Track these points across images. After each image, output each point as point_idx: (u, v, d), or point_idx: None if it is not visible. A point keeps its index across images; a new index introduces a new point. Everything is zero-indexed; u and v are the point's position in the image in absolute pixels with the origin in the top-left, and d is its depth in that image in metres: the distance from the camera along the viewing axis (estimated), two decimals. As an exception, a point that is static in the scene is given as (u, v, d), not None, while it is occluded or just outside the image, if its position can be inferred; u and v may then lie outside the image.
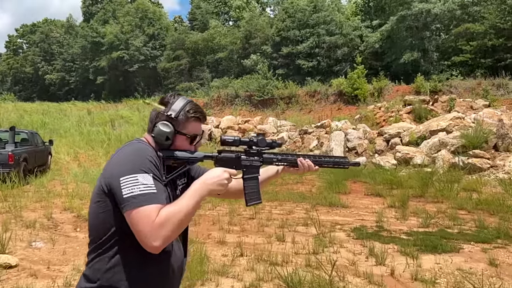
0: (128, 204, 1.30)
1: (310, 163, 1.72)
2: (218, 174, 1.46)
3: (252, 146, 1.64)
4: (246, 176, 1.63)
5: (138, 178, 1.33)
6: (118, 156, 1.43)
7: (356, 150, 13.61)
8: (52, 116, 28.34)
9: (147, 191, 1.31)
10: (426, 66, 24.72)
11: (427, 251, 4.75)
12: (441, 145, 11.51)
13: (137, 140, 1.52)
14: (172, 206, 1.34)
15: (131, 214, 1.30)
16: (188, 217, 1.36)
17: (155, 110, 1.55)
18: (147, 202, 1.30)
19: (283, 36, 29.60)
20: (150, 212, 1.29)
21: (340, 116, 19.75)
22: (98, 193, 1.41)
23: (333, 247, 4.96)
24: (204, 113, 1.58)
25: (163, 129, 1.48)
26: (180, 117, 1.51)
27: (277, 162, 1.71)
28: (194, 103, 1.57)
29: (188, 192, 1.40)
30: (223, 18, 46.14)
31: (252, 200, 1.65)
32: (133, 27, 40.92)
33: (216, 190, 1.45)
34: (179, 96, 1.57)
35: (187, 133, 1.53)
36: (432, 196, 8.04)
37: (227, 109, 24.27)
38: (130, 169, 1.35)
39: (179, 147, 1.54)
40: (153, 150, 1.47)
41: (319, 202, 7.72)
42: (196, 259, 4.40)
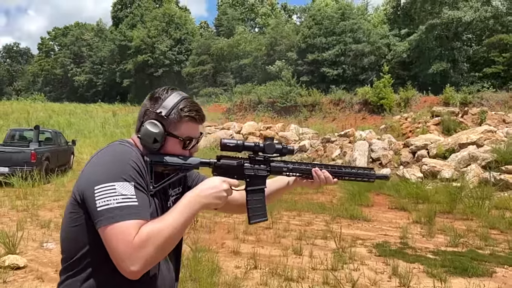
0: (102, 219, 1.08)
1: (327, 174, 1.44)
2: (216, 185, 1.22)
3: (258, 152, 1.38)
4: (249, 188, 1.38)
5: (115, 187, 1.10)
6: (95, 160, 1.21)
7: (380, 161, 13.16)
8: (78, 117, 28.95)
9: (126, 204, 1.09)
10: (455, 77, 23.97)
11: (456, 273, 4.38)
12: (471, 159, 10.97)
13: (120, 141, 1.28)
14: (156, 222, 1.11)
15: (105, 231, 1.07)
16: (176, 236, 1.13)
17: (144, 106, 1.31)
18: (125, 217, 1.07)
19: (309, 43, 29.37)
20: (128, 229, 1.06)
21: (365, 125, 19.30)
22: (72, 203, 1.19)
23: (354, 264, 4.65)
24: (201, 112, 1.33)
25: (150, 129, 1.24)
26: (172, 116, 1.26)
27: (287, 172, 1.43)
28: (191, 100, 1.32)
29: (178, 205, 1.16)
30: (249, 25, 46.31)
31: (256, 217, 1.39)
32: (160, 31, 41.56)
33: (212, 204, 1.21)
34: (173, 90, 1.32)
35: (179, 135, 1.28)
36: (461, 212, 7.57)
37: (249, 115, 24.14)
38: (107, 176, 1.12)
39: (170, 152, 1.29)
40: (138, 153, 1.24)
41: (339, 214, 7.39)
42: (208, 270, 4.19)
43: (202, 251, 4.91)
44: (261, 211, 1.39)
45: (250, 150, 1.38)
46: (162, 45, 40.78)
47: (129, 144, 1.27)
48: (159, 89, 1.33)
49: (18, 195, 8.27)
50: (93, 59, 48.24)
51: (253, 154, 1.39)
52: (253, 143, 1.38)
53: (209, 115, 25.01)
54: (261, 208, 1.39)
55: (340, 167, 1.49)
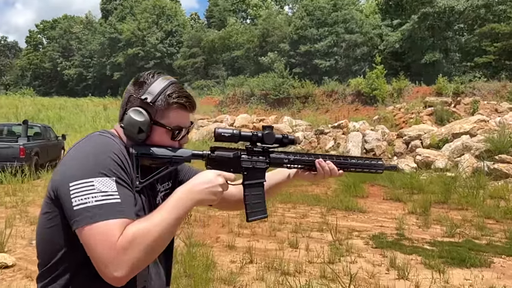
0: (79, 219, 0.96)
1: (332, 166, 1.32)
2: (210, 179, 1.10)
3: (256, 143, 1.26)
4: (247, 182, 1.26)
5: (94, 183, 0.98)
6: (71, 153, 1.08)
7: (374, 152, 13.12)
8: (68, 111, 28.57)
9: (107, 201, 0.97)
10: (447, 67, 24.01)
11: (454, 264, 4.33)
12: (465, 149, 10.97)
13: (101, 132, 1.14)
14: (143, 221, 0.99)
15: (84, 233, 0.95)
16: (166, 236, 1.01)
17: (128, 92, 1.17)
18: (106, 216, 0.95)
19: (301, 35, 29.20)
20: (111, 230, 0.94)
21: (358, 116, 19.24)
22: (46, 202, 1.07)
23: (351, 257, 4.59)
24: (191, 99, 1.19)
25: (134, 118, 1.10)
26: (158, 102, 1.12)
27: (288, 163, 1.31)
28: (179, 86, 1.18)
29: (168, 202, 1.04)
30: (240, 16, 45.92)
31: (254, 214, 1.27)
32: (150, 23, 41.06)
33: (206, 200, 1.09)
34: (160, 75, 1.18)
35: (167, 125, 1.14)
36: (456, 202, 7.55)
37: (242, 108, 23.97)
38: (84, 171, 0.99)
39: (157, 143, 1.16)
40: (121, 145, 1.11)
41: (335, 206, 7.32)
42: (203, 265, 4.09)
43: (196, 245, 4.81)
44: (260, 207, 1.27)
45: (248, 140, 1.25)
46: (152, 38, 40.32)
47: (111, 135, 1.14)
48: (143, 73, 1.19)
49: (7, 191, 8.09)
50: (83, 52, 47.57)
51: (250, 145, 1.27)
52: (251, 132, 1.25)
53: (201, 108, 24.79)
54: (260, 204, 1.27)
55: (346, 157, 1.37)
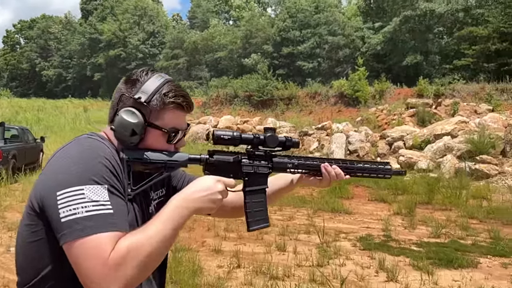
0: (67, 232, 0.86)
1: (338, 170, 1.25)
2: (208, 186, 1.01)
3: (258, 146, 1.18)
4: (248, 189, 1.17)
5: (84, 192, 0.88)
6: (57, 158, 0.97)
7: (358, 153, 13.21)
8: (47, 113, 27.93)
9: (98, 212, 0.87)
10: (428, 69, 24.42)
11: (442, 265, 4.34)
12: (446, 150, 11.13)
13: (89, 135, 1.04)
14: (137, 234, 0.90)
15: (73, 248, 0.86)
16: (162, 250, 0.92)
17: (119, 91, 1.07)
18: (98, 229, 0.86)
19: (284, 37, 29.27)
20: (102, 244, 0.85)
21: (341, 118, 19.37)
22: (28, 213, 0.96)
23: (339, 259, 4.55)
24: (189, 98, 1.10)
25: (127, 119, 1.01)
26: (153, 102, 1.03)
27: (292, 168, 1.23)
28: (176, 84, 1.09)
29: (164, 212, 0.95)
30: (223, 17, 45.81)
31: (256, 222, 1.18)
32: (132, 24, 40.54)
33: (204, 209, 1.01)
34: (154, 72, 1.08)
35: (162, 127, 1.05)
36: (440, 203, 7.63)
37: (226, 109, 23.85)
38: (72, 178, 0.89)
39: (152, 146, 1.06)
40: (112, 149, 1.01)
41: (321, 208, 7.30)
42: (189, 271, 3.99)
43: (182, 250, 4.70)
44: (262, 216, 1.19)
45: (249, 143, 1.17)
46: (134, 39, 39.83)
47: (101, 138, 1.04)
48: (136, 70, 1.09)
49: (-17, 196, 7.79)
50: (62, 53, 46.63)
51: (252, 148, 1.18)
52: (252, 135, 1.17)
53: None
54: (262, 212, 1.19)
55: (352, 161, 1.31)
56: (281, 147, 1.20)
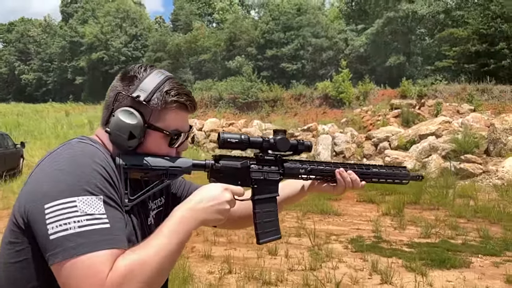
0: (57, 251, 0.75)
1: (354, 176, 1.17)
2: (216, 195, 0.92)
3: (268, 150, 1.08)
4: (258, 197, 1.07)
5: (76, 204, 0.77)
6: (45, 166, 0.85)
7: (344, 154, 13.25)
8: (27, 117, 27.23)
9: (93, 227, 0.77)
10: (411, 71, 24.76)
11: (435, 266, 4.32)
12: (432, 150, 11.24)
13: (80, 139, 0.92)
14: (138, 250, 0.80)
15: (63, 269, 0.75)
16: (166, 268, 0.82)
17: (115, 89, 0.96)
18: (93, 247, 0.75)
19: (268, 39, 29.31)
20: (98, 264, 0.74)
21: (326, 119, 19.44)
22: (12, 229, 0.85)
23: (332, 262, 4.48)
24: (192, 97, 0.99)
25: (125, 120, 0.90)
26: (154, 101, 0.93)
27: (305, 174, 1.14)
28: (178, 81, 0.99)
29: (166, 225, 0.85)
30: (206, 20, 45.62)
31: (266, 234, 1.09)
32: (114, 27, 39.98)
33: (211, 221, 0.91)
34: (153, 68, 0.98)
35: (164, 128, 0.95)
36: (427, 203, 7.68)
37: (211, 112, 23.68)
38: (62, 188, 0.78)
39: (152, 150, 0.96)
40: (107, 155, 0.90)
41: (310, 210, 7.24)
42: (179, 278, 3.86)
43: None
44: (272, 227, 1.10)
45: (258, 147, 1.07)
46: (116, 42, 39.29)
47: (93, 142, 0.92)
48: (133, 66, 0.98)
49: (-40, 204, 7.50)
50: (42, 56, 45.68)
51: (260, 153, 1.09)
52: (261, 138, 1.08)
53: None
54: (273, 223, 1.10)
55: (368, 166, 1.23)
56: (293, 151, 1.11)
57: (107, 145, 0.94)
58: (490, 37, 22.31)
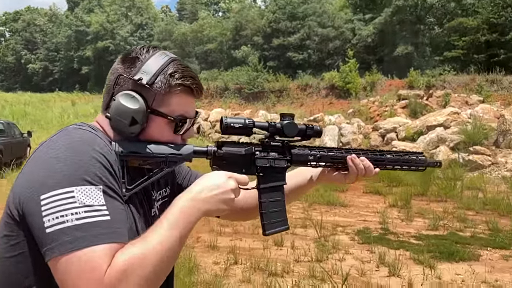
0: (54, 246, 0.70)
1: (367, 163, 1.09)
2: (219, 183, 0.86)
3: (274, 136, 1.02)
4: (264, 186, 1.01)
5: (74, 195, 0.72)
6: (40, 154, 0.80)
7: (350, 145, 13.15)
8: (34, 107, 27.36)
9: (92, 219, 0.72)
10: (419, 61, 24.40)
11: (443, 258, 4.27)
12: (439, 141, 11.12)
13: (78, 125, 0.86)
14: (137, 244, 0.75)
15: (59, 264, 0.70)
16: (168, 262, 0.77)
17: (115, 72, 0.90)
18: (92, 241, 0.71)
19: (274, 28, 29.02)
20: (97, 259, 0.70)
21: (332, 110, 19.29)
22: (6, 221, 0.79)
23: (338, 254, 4.45)
24: (198, 80, 0.92)
25: (126, 105, 0.84)
26: (157, 84, 0.86)
27: (314, 161, 1.07)
28: (183, 63, 0.92)
29: (167, 217, 0.80)
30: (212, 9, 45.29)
31: (273, 225, 1.03)
32: (120, 16, 39.83)
33: (215, 211, 0.86)
34: (156, 49, 0.91)
35: (168, 114, 0.88)
36: (435, 194, 7.60)
37: (216, 102, 23.60)
38: (59, 178, 0.73)
39: (155, 137, 0.90)
40: (107, 141, 0.85)
41: (316, 200, 7.20)
42: (185, 268, 3.84)
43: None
44: (279, 217, 1.04)
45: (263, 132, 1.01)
46: (123, 31, 39.16)
47: (92, 128, 0.87)
48: (135, 47, 0.92)
49: (-33, 193, 7.53)
50: (48, 46, 45.64)
51: (266, 138, 1.02)
52: (267, 122, 1.01)
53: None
54: (280, 213, 1.04)
55: (382, 152, 1.16)
56: (301, 137, 1.04)
57: (108, 131, 0.89)
58: (501, 26, 21.90)
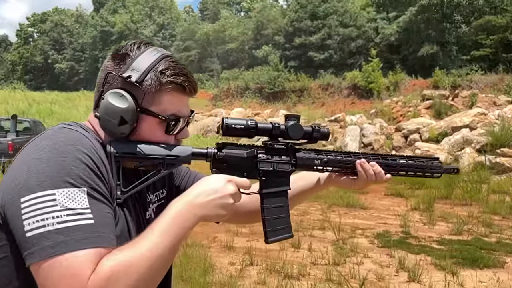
0: (34, 250, 0.67)
1: (377, 168, 1.03)
2: (218, 187, 0.82)
3: (278, 138, 0.97)
4: (266, 191, 0.96)
5: (56, 197, 0.69)
6: (23, 155, 0.77)
7: (372, 146, 12.92)
8: (60, 105, 28.08)
9: (74, 223, 0.68)
10: (444, 60, 23.80)
11: (466, 265, 4.10)
12: (465, 143, 10.79)
13: (66, 124, 0.83)
14: (125, 250, 0.71)
15: (40, 270, 0.67)
16: (158, 270, 0.73)
17: (105, 69, 0.86)
18: (74, 246, 0.67)
19: (296, 27, 28.88)
20: (79, 265, 0.66)
21: (354, 110, 19.03)
22: None
23: (356, 257, 4.34)
24: (191, 78, 0.88)
25: (114, 104, 0.80)
26: (147, 82, 0.82)
27: (320, 165, 1.02)
28: (175, 60, 0.88)
29: (160, 222, 0.76)
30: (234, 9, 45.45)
31: (276, 232, 0.97)
32: (143, 16, 40.47)
33: (213, 217, 0.82)
34: (148, 46, 0.87)
35: (159, 113, 0.84)
36: (459, 198, 7.35)
37: (237, 102, 23.66)
38: (41, 180, 0.70)
39: (147, 138, 0.86)
40: (96, 142, 0.81)
41: (335, 202, 7.09)
42: (200, 268, 3.83)
43: (193, 246, 4.56)
44: (283, 224, 0.98)
45: (267, 134, 0.96)
46: (146, 30, 39.78)
47: (83, 128, 0.84)
48: (126, 43, 0.89)
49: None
50: (74, 46, 46.83)
51: (270, 141, 0.97)
52: (271, 124, 0.95)
53: (195, 102, 24.47)
54: (284, 220, 0.98)
55: (394, 157, 1.09)
56: (307, 139, 0.99)
57: (99, 131, 0.85)
58: (531, 24, 21.13)
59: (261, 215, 0.97)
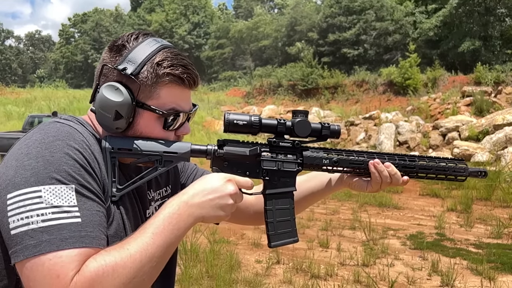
0: (18, 249, 0.66)
1: (393, 169, 0.95)
2: (216, 186, 0.78)
3: (284, 135, 0.91)
4: (270, 191, 0.91)
5: (42, 194, 0.67)
6: (13, 150, 0.75)
7: (408, 144, 12.53)
8: (98, 103, 29.06)
9: (59, 222, 0.66)
10: (486, 55, 22.68)
11: (505, 270, 3.88)
12: (508, 141, 10.25)
13: (58, 119, 0.80)
14: (113, 251, 0.68)
15: (25, 269, 0.65)
16: (149, 273, 0.69)
17: (102, 61, 0.84)
18: (57, 245, 0.65)
19: (330, 23, 28.42)
20: (62, 266, 0.64)
21: (390, 107, 18.50)
22: None
23: (387, 259, 4.21)
24: (191, 69, 0.83)
25: (109, 98, 0.77)
26: (143, 74, 0.79)
27: (330, 165, 0.94)
28: (174, 51, 0.83)
29: (153, 221, 0.72)
30: (268, 6, 45.34)
31: (279, 236, 0.91)
32: (178, 15, 41.12)
33: (210, 218, 0.77)
34: (147, 36, 0.83)
35: (157, 107, 0.80)
36: (500, 199, 6.98)
37: (269, 99, 23.59)
38: (28, 176, 0.68)
39: (144, 133, 0.82)
40: (91, 136, 0.79)
41: (367, 202, 6.92)
42: (226, 265, 3.84)
43: (221, 242, 4.58)
44: (288, 228, 0.93)
45: (271, 130, 0.90)
46: (180, 29, 40.41)
47: (79, 122, 0.81)
48: (124, 34, 0.86)
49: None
50: (113, 45, 48.34)
51: (275, 138, 0.92)
52: (276, 120, 0.90)
53: (228, 100, 24.61)
54: (288, 223, 0.93)
55: (413, 157, 1.01)
56: (315, 137, 0.92)
57: (96, 126, 0.83)
58: None
59: (264, 218, 0.92)
